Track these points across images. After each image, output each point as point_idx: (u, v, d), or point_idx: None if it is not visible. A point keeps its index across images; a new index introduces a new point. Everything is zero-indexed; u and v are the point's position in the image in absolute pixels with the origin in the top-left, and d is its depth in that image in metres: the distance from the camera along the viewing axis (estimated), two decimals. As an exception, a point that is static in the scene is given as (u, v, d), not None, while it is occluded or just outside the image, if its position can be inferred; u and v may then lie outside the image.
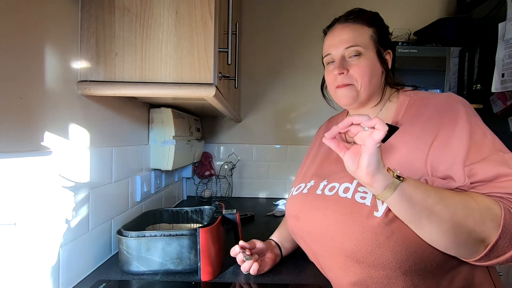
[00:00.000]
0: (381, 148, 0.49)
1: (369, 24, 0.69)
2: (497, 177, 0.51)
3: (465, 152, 0.54)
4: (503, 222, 0.48)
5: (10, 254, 0.52)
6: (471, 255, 0.51)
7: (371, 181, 0.49)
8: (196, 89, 0.70)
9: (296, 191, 0.75)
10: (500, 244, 0.48)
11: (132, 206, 0.98)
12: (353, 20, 0.69)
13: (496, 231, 0.48)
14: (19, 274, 0.54)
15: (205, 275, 0.71)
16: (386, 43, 0.71)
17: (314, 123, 1.67)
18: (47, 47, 0.60)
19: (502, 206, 0.49)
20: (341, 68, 0.67)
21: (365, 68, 0.66)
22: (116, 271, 0.75)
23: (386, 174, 0.49)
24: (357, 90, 0.68)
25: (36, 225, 0.57)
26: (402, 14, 1.62)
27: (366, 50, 0.67)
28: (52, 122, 0.61)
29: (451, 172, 0.54)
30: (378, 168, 0.48)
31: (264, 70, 1.67)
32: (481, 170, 0.52)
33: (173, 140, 1.12)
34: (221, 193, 1.62)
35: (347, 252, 0.58)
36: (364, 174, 0.49)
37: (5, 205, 0.51)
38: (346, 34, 0.68)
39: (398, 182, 0.49)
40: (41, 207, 0.58)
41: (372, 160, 0.47)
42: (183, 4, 0.70)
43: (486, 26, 1.32)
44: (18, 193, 0.53)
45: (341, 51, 0.68)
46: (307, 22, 1.65)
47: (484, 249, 0.49)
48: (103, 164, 0.81)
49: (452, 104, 0.60)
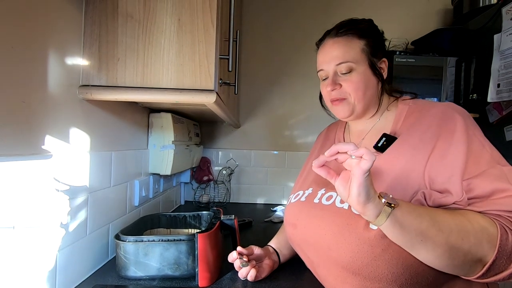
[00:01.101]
0: (371, 175, 0.48)
1: (360, 36, 0.68)
2: (495, 193, 0.51)
3: (463, 164, 0.54)
4: (499, 242, 0.48)
5: (8, 257, 0.52)
6: (468, 274, 0.51)
7: (363, 210, 0.48)
8: (197, 95, 0.71)
9: (294, 198, 0.75)
10: (497, 264, 0.48)
11: (130, 211, 0.98)
12: (343, 33, 0.69)
13: (493, 251, 0.48)
14: (16, 277, 0.53)
15: (202, 281, 0.71)
16: (379, 53, 0.70)
17: (312, 129, 1.68)
18: (50, 52, 0.61)
19: (498, 225, 0.49)
20: (334, 85, 0.68)
21: (358, 83, 0.66)
22: (113, 276, 0.75)
23: (377, 203, 0.48)
24: (352, 104, 0.68)
25: (35, 228, 0.57)
26: (400, 24, 1.65)
27: (358, 65, 0.67)
28: (53, 126, 0.62)
29: (449, 185, 0.54)
30: (368, 198, 0.47)
31: (263, 76, 1.69)
32: (479, 186, 0.52)
33: (172, 145, 1.12)
34: (219, 199, 1.62)
35: (343, 263, 0.58)
36: (355, 203, 0.48)
37: (5, 208, 0.51)
38: (336, 50, 0.68)
39: (390, 210, 0.48)
40: (40, 211, 0.58)
41: (361, 190, 0.46)
42: (185, 11, 0.71)
43: (482, 37, 1.35)
44: (17, 196, 0.53)
45: (332, 68, 0.69)
46: (306, 30, 1.67)
47: (482, 269, 0.49)
48: (102, 168, 0.81)
49: (450, 114, 0.61)
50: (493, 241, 0.48)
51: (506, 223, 0.50)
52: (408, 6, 1.67)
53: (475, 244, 0.48)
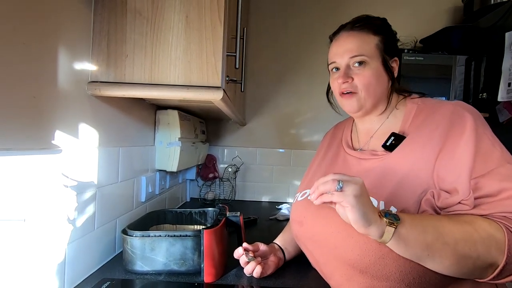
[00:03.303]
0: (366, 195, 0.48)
1: (375, 32, 0.68)
2: (502, 192, 0.51)
3: (471, 163, 0.53)
4: (507, 248, 0.48)
5: (19, 250, 0.53)
6: (480, 277, 0.51)
7: (366, 232, 0.49)
8: (204, 92, 0.71)
9: (301, 196, 0.75)
10: (508, 268, 0.48)
11: (136, 206, 0.99)
12: (359, 28, 0.69)
13: (502, 257, 0.48)
14: (27, 269, 0.54)
15: (208, 277, 0.71)
16: (392, 51, 0.70)
17: (318, 128, 1.67)
18: (60, 49, 0.62)
19: (505, 229, 0.49)
20: (345, 77, 0.67)
21: (370, 78, 0.66)
22: (120, 270, 0.76)
23: (379, 224, 0.48)
24: (361, 99, 0.68)
25: (45, 222, 0.58)
26: (408, 22, 1.63)
27: (371, 60, 0.67)
28: (62, 121, 0.63)
29: (457, 184, 0.53)
30: (368, 221, 0.47)
31: (269, 74, 1.68)
32: (486, 184, 0.52)
33: (178, 141, 1.13)
34: (224, 196, 1.62)
35: (350, 262, 0.58)
36: (356, 228, 0.49)
37: (16, 201, 0.52)
38: (351, 43, 0.68)
39: (393, 230, 0.48)
40: (50, 204, 0.59)
41: (358, 217, 0.47)
42: (193, 9, 0.71)
43: (493, 35, 1.32)
44: (28, 190, 0.54)
45: (346, 60, 0.68)
46: (313, 29, 1.66)
47: (493, 272, 0.49)
48: (110, 163, 0.82)
49: (459, 113, 0.60)
50: (501, 247, 0.48)
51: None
52: (417, 4, 1.65)
53: (483, 252, 0.48)
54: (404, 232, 0.48)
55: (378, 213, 0.49)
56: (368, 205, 0.48)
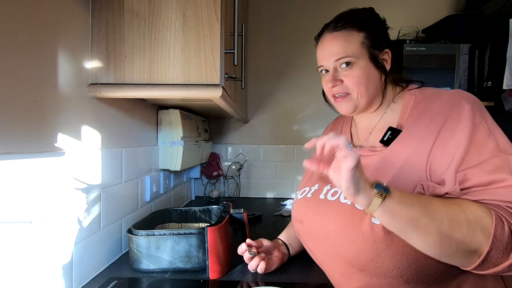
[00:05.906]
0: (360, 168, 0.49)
1: (359, 28, 0.65)
2: (493, 183, 0.50)
3: (462, 154, 0.52)
4: (493, 233, 0.46)
5: (26, 251, 0.54)
6: (465, 265, 0.50)
7: (354, 200, 0.50)
8: (203, 90, 0.71)
9: (301, 195, 0.75)
10: (493, 255, 0.47)
11: (141, 206, 1.00)
12: (342, 27, 0.65)
13: (487, 242, 0.47)
14: (35, 271, 0.56)
15: (213, 274, 0.72)
16: (382, 43, 0.67)
17: (321, 123, 1.66)
18: (59, 51, 0.62)
19: (494, 215, 0.48)
20: (334, 81, 0.66)
21: (359, 78, 0.64)
22: (126, 269, 0.77)
23: (368, 194, 0.49)
24: (354, 99, 0.66)
25: (51, 223, 0.59)
26: (409, 12, 1.60)
27: (358, 59, 0.64)
28: (64, 124, 0.63)
29: (445, 175, 0.53)
30: (358, 190, 0.48)
31: (270, 71, 1.68)
32: (475, 175, 0.51)
33: (181, 141, 1.13)
34: (229, 193, 1.63)
35: (348, 259, 0.58)
36: (345, 195, 0.50)
37: (22, 203, 0.53)
38: (335, 45, 0.65)
39: (380, 201, 0.48)
40: (55, 206, 0.60)
41: (350, 184, 0.47)
42: (190, 6, 0.71)
43: (497, 23, 1.30)
44: (33, 192, 0.55)
45: (332, 63, 0.66)
46: (313, 22, 1.64)
47: (478, 259, 0.48)
48: (113, 164, 0.83)
49: (457, 102, 0.58)
50: (487, 231, 0.47)
51: (504, 213, 0.48)
52: (419, -7, 1.62)
53: (468, 233, 0.47)
54: (391, 204, 0.49)
55: (370, 184, 0.49)
56: (362, 175, 0.49)
